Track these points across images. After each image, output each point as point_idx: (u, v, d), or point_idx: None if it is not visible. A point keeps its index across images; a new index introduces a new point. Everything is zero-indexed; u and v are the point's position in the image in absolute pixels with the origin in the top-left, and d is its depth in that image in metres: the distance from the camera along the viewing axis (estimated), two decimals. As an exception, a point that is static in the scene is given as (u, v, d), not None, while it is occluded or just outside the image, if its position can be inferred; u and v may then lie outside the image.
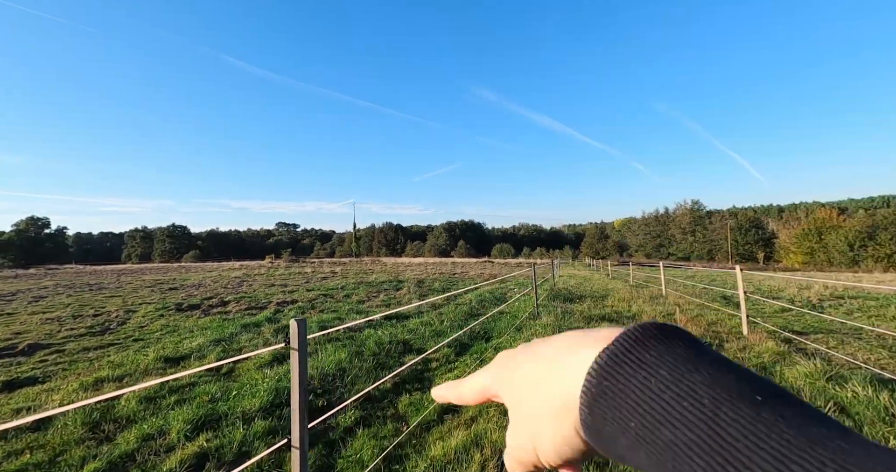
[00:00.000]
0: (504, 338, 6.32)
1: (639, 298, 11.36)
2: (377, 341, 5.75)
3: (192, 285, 19.91)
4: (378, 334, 6.56)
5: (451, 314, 8.78)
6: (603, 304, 10.38)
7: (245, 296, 13.42)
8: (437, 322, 7.50)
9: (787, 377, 4.03)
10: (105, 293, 16.36)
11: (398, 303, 10.90)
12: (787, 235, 67.99)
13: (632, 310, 9.18)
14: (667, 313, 8.57)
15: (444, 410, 3.55)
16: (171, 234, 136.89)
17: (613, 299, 10.98)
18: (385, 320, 7.93)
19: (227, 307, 10.69)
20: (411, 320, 7.79)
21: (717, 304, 10.29)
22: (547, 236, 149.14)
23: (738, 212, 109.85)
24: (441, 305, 10.66)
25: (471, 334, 6.69)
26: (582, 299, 11.09)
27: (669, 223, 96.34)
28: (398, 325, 7.48)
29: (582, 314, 8.32)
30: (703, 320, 7.66)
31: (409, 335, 6.46)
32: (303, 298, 12.66)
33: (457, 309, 9.76)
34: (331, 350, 5.30)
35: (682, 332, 0.27)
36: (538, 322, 7.32)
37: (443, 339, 6.26)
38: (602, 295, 12.14)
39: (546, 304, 9.87)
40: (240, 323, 7.46)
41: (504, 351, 0.37)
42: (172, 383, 4.03)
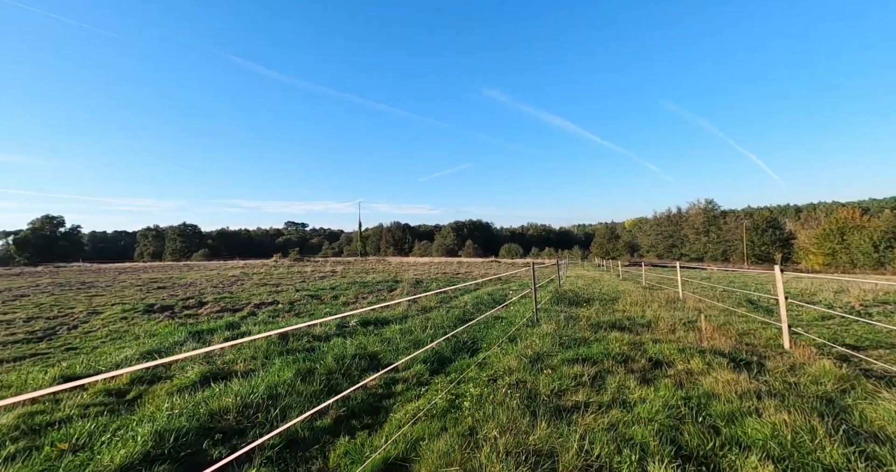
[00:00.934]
0: (493, 351, 5.28)
1: (653, 301, 10.21)
2: (338, 355, 4.76)
3: (184, 284, 19.22)
4: (347, 344, 5.57)
5: (440, 319, 7.76)
6: (613, 308, 9.26)
7: (227, 297, 12.57)
8: (418, 330, 6.49)
9: (872, 419, 2.92)
10: (90, 293, 15.70)
11: (387, 306, 9.92)
12: (806, 235, 65.41)
13: (646, 316, 8.05)
14: (688, 321, 7.43)
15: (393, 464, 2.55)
16: (181, 233, 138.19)
17: (625, 303, 9.85)
18: (361, 325, 6.94)
19: (201, 310, 9.83)
20: (390, 327, 6.79)
21: (744, 309, 9.10)
22: (556, 235, 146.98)
23: (754, 212, 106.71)
24: (432, 308, 9.65)
25: (455, 344, 5.67)
26: (589, 303, 9.98)
27: (682, 223, 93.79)
28: (374, 332, 6.49)
29: (588, 321, 7.23)
30: (733, 330, 6.53)
31: (381, 347, 5.46)
32: (287, 299, 11.75)
33: (448, 314, 8.73)
34: (276, 368, 4.33)
35: None
36: (536, 331, 6.26)
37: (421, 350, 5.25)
38: (612, 298, 11.01)
39: (548, 308, 8.79)
40: (192, 330, 6.55)
41: None
42: (38, 419, 3.09)
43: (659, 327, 6.91)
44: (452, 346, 5.52)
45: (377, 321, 7.28)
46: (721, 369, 4.37)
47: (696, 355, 4.85)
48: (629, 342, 5.62)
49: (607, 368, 4.50)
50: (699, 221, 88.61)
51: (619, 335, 5.99)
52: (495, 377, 4.14)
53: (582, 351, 5.07)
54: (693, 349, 5.12)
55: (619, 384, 3.92)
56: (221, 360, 4.73)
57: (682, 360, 4.76)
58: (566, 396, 3.65)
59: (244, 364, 4.60)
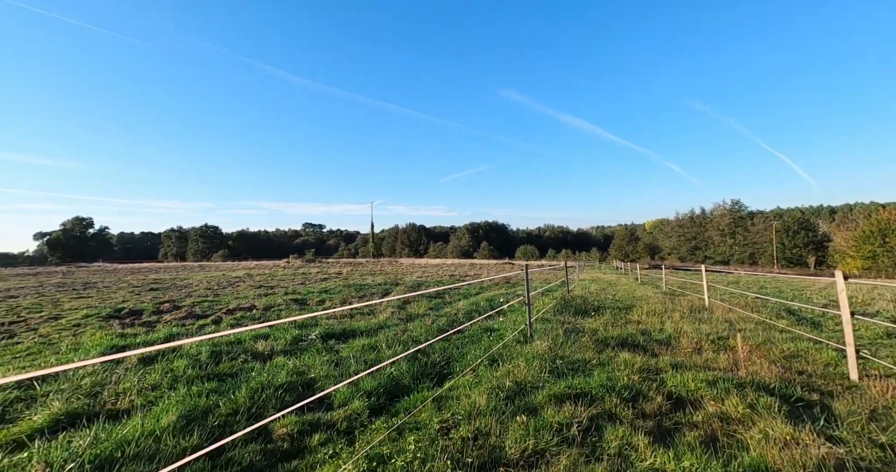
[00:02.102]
0: (465, 379, 4.16)
1: (674, 310, 8.86)
2: (260, 385, 3.72)
3: (181, 285, 18.72)
4: (289, 365, 4.53)
5: (419, 331, 6.67)
6: (626, 319, 7.98)
7: (208, 300, 11.80)
8: (384, 346, 5.41)
9: None
10: (81, 294, 15.27)
11: (367, 313, 8.90)
12: (843, 237, 61.41)
13: (665, 330, 6.76)
14: (717, 337, 6.12)
15: None
16: (203, 234, 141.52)
17: (640, 312, 8.55)
18: (323, 339, 5.91)
19: (168, 315, 9.02)
20: (356, 341, 5.74)
21: (785, 321, 7.69)
22: (573, 237, 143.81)
23: (784, 213, 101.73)
24: (419, 315, 8.57)
25: (423, 366, 4.57)
26: (599, 312, 8.71)
27: (706, 225, 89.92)
28: (333, 349, 5.45)
29: (593, 337, 6.00)
30: (776, 351, 5.21)
31: (327, 370, 4.39)
32: (267, 304, 10.88)
33: (433, 323, 7.64)
34: (160, 408, 3.29)
35: None
36: (526, 350, 5.09)
37: (376, 374, 4.18)
38: (626, 306, 9.69)
39: (549, 318, 7.58)
40: (111, 344, 5.60)
41: None
42: None
43: (681, 346, 5.65)
44: (418, 368, 4.43)
45: (344, 334, 6.24)
46: (770, 415, 3.14)
47: (733, 391, 3.63)
48: (642, 368, 4.41)
49: (609, 409, 3.33)
50: (724, 223, 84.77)
51: (629, 357, 4.79)
52: (451, 425, 3.03)
53: (578, 382, 3.89)
54: (728, 381, 3.89)
55: (623, 442, 2.75)
56: (112, 390, 3.77)
57: (714, 398, 3.55)
58: (541, 465, 2.52)
59: (138, 397, 3.62)
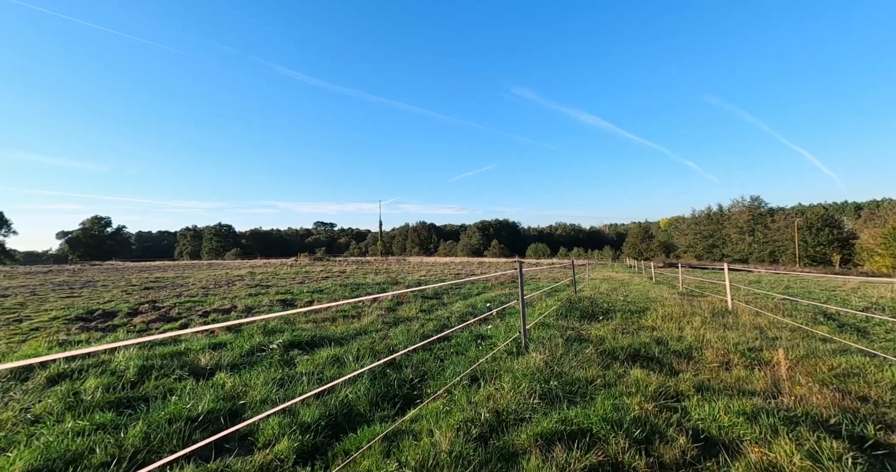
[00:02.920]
0: (434, 406, 3.36)
1: (694, 314, 7.91)
2: (170, 416, 2.97)
3: (178, 284, 18.33)
4: (226, 385, 3.80)
5: (400, 338, 5.90)
6: (639, 324, 7.07)
7: (192, 301, 11.23)
8: (351, 358, 4.63)
9: None
10: (76, 293, 14.93)
11: (354, 316, 8.15)
12: (870, 234, 58.56)
13: (685, 338, 5.85)
14: (748, 347, 5.19)
15: None
16: (217, 232, 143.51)
17: (655, 316, 7.62)
18: (286, 348, 5.16)
19: (137, 318, 8.43)
20: (323, 351, 4.98)
21: (825, 328, 6.69)
22: (586, 235, 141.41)
23: (806, 210, 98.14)
24: (407, 319, 7.80)
25: (388, 385, 3.79)
26: (608, 316, 7.81)
27: (724, 222, 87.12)
28: (292, 362, 4.70)
29: (599, 348, 5.13)
30: (823, 368, 4.29)
31: (268, 391, 3.63)
32: (254, 304, 10.25)
33: (422, 327, 6.86)
34: (18, 451, 2.57)
35: None
36: (517, 364, 4.27)
37: (329, 397, 3.42)
38: (639, 309, 8.75)
39: (551, 324, 6.72)
40: (38, 354, 4.95)
41: None
42: None
43: (705, 359, 4.76)
44: (382, 389, 3.65)
45: (312, 342, 5.49)
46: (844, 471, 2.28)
47: (782, 429, 2.75)
48: (659, 392, 3.56)
49: (614, 456, 2.50)
50: (743, 220, 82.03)
51: (642, 376, 3.93)
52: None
53: (575, 414, 3.06)
54: (772, 413, 3.01)
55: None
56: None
57: (757, 439, 2.68)
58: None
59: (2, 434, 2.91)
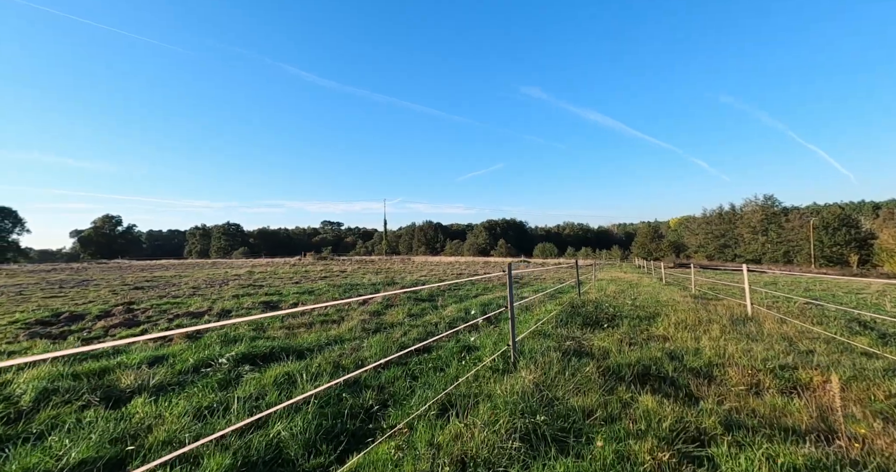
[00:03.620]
0: (386, 449, 2.63)
1: (710, 321, 7.08)
2: (29, 468, 2.28)
3: (172, 283, 17.86)
4: (137, 413, 3.11)
5: (374, 350, 5.18)
6: (648, 332, 6.27)
7: (171, 302, 10.66)
8: (305, 377, 3.93)
9: None
10: (61, 293, 14.50)
11: (335, 321, 7.47)
12: (890, 234, 56.57)
13: (703, 351, 5.05)
14: (780, 364, 4.38)
15: None
16: (225, 231, 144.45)
17: (667, 323, 6.81)
18: (237, 363, 4.47)
19: (101, 322, 7.84)
20: (277, 367, 4.28)
21: (865, 339, 5.82)
22: (594, 235, 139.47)
23: (821, 209, 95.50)
24: (393, 324, 7.08)
25: (336, 417, 3.07)
26: (614, 323, 7.01)
27: (736, 222, 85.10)
28: (242, 378, 4.02)
29: (602, 363, 4.35)
30: (878, 393, 3.48)
31: (183, 425, 2.92)
32: (235, 306, 9.64)
33: (405, 336, 6.14)
34: None
35: None
36: (500, 387, 3.52)
37: (255, 435, 2.72)
38: (649, 314, 7.93)
39: (548, 332, 5.96)
40: None
41: None
42: None
43: (729, 380, 3.97)
44: (327, 422, 2.93)
45: (271, 355, 4.79)
46: None
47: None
48: (675, 431, 2.79)
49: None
50: (756, 219, 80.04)
51: (653, 405, 3.16)
52: None
53: (565, 470, 2.31)
54: (831, 467, 2.24)
55: None
56: None
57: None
58: None
59: None
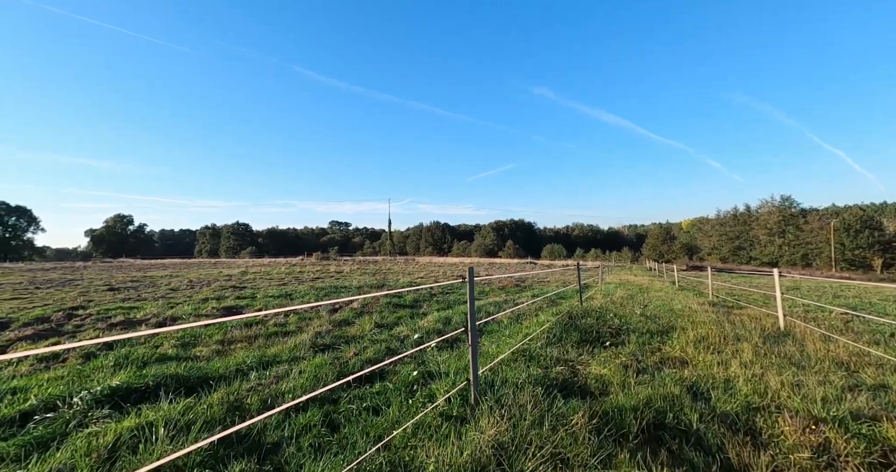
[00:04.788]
0: None
1: (738, 337, 5.82)
2: None
3: (153, 284, 17.02)
4: None
5: (308, 375, 4.07)
6: (661, 352, 5.05)
7: (121, 307, 9.67)
8: (162, 433, 2.83)
9: None
10: (28, 294, 13.72)
11: (291, 332, 6.39)
12: (917, 237, 53.90)
13: (736, 384, 3.83)
14: (852, 410, 3.15)
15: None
16: (234, 231, 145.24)
17: (685, 340, 5.58)
18: (97, 403, 3.39)
19: (12, 333, 6.84)
20: (149, 411, 3.20)
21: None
22: (604, 236, 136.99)
23: (842, 211, 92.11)
24: (355, 338, 5.97)
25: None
26: (619, 338, 5.79)
27: (751, 223, 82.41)
28: (110, 421, 2.94)
29: (597, 407, 3.17)
30: None
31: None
32: (185, 313, 8.63)
33: (359, 355, 5.03)
34: None
35: None
36: (444, 450, 2.38)
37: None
38: (662, 328, 6.68)
39: (534, 353, 4.77)
40: None
41: None
42: None
43: (781, 437, 2.76)
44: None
45: (159, 386, 3.69)
46: None
47: None
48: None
49: None
50: (773, 221, 77.33)
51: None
52: None
53: None
54: None
55: None
56: None
57: None
58: None
59: None
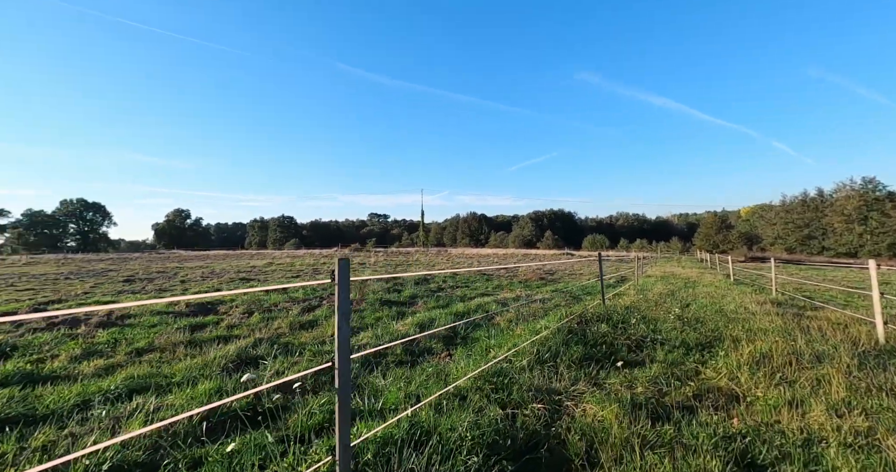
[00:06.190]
0: None
1: (820, 356, 4.08)
2: None
3: (170, 276, 17.14)
4: None
5: (139, 421, 2.98)
6: (698, 380, 3.48)
7: (99, 301, 9.28)
8: None
9: None
10: (51, 286, 14.04)
11: (239, 335, 5.42)
12: None
13: (828, 457, 2.30)
14: None
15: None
16: (280, 224, 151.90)
17: (736, 360, 3.93)
18: None
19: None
20: None
21: None
22: (651, 226, 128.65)
23: (940, 193, 79.80)
24: (300, 346, 4.86)
25: None
26: (640, 354, 4.22)
27: (825, 209, 73.45)
28: None
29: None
30: None
31: None
32: (149, 310, 7.98)
33: (278, 372, 3.89)
34: None
35: None
36: None
37: None
38: (705, 338, 4.98)
39: (513, 377, 3.38)
40: None
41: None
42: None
43: None
44: None
45: None
46: None
47: None
48: None
49: None
50: (851, 206, 68.42)
51: None
52: None
53: None
54: None
55: None
56: None
57: None
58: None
59: None
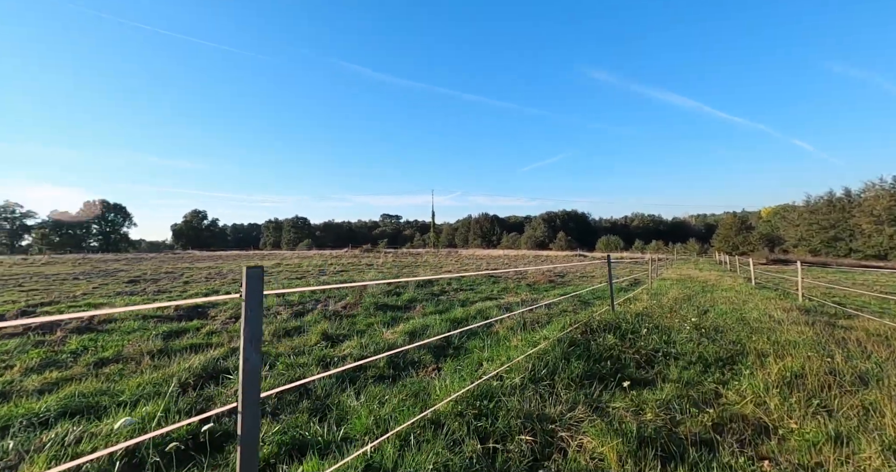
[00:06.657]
0: None
1: (862, 377, 3.45)
2: None
3: (175, 277, 17.05)
4: None
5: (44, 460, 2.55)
6: (719, 407, 2.90)
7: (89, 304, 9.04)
8: None
9: None
10: (50, 287, 14.03)
11: (201, 347, 5.02)
12: None
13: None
14: None
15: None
16: (294, 224, 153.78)
17: (764, 380, 3.33)
18: None
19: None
20: None
21: None
22: (667, 227, 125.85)
23: (977, 192, 75.73)
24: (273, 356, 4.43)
25: None
26: (651, 370, 3.65)
27: (852, 210, 70.40)
28: None
29: None
30: None
31: None
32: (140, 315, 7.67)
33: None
34: None
35: None
36: None
37: None
38: (726, 353, 4.35)
39: (499, 401, 2.87)
40: None
41: None
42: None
43: None
44: None
45: None
46: None
47: None
48: None
49: None
50: (881, 206, 65.33)
51: None
52: None
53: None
54: None
55: None
56: None
57: None
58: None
59: None
